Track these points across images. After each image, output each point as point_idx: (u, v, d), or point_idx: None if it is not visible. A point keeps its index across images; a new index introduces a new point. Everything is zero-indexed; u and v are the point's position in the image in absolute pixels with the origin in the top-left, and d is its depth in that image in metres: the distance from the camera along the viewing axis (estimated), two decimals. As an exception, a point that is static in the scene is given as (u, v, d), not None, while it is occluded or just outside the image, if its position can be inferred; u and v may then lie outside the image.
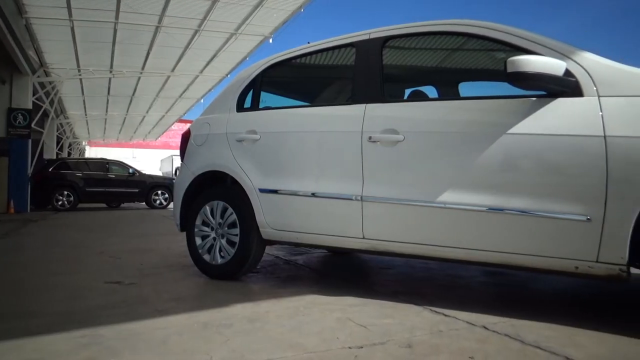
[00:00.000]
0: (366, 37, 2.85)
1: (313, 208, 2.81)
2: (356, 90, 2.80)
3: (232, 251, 3.11)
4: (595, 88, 2.07)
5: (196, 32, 11.39)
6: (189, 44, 12.19)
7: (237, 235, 3.10)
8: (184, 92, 17.53)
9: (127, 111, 20.91)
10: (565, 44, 2.24)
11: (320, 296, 2.67)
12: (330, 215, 2.74)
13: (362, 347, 1.85)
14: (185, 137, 3.62)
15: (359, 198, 2.61)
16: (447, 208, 2.32)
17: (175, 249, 4.75)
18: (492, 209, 2.21)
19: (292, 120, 3.01)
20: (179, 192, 3.48)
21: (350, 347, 1.85)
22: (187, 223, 3.39)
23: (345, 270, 3.64)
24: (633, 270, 2.01)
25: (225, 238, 3.18)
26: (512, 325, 2.09)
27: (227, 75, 15.03)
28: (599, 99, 2.04)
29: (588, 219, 1.99)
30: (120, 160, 16.24)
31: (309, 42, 3.22)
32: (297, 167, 2.91)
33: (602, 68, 2.11)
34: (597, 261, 1.99)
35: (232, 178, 3.20)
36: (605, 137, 1.97)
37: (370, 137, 2.58)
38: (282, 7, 10.36)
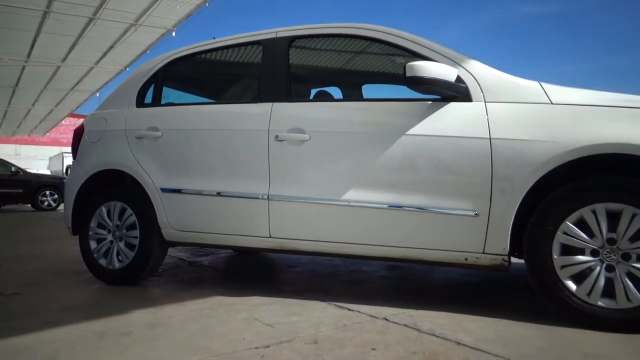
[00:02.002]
0: (273, 35, 2.85)
1: (219, 208, 2.76)
2: (263, 89, 2.78)
3: (132, 254, 2.95)
4: (482, 94, 2.26)
5: (91, 20, 10.59)
6: (82, 32, 11.29)
7: (136, 237, 2.94)
8: (76, 84, 16.21)
9: (9, 103, 18.84)
10: (457, 52, 2.42)
11: (226, 297, 2.63)
12: (237, 214, 2.71)
13: (268, 347, 1.85)
14: (78, 133, 3.35)
15: (265, 197, 2.60)
16: (351, 206, 2.40)
17: (67, 254, 4.38)
18: (392, 206, 2.32)
19: (197, 118, 2.92)
20: (71, 192, 3.21)
21: (256, 347, 1.85)
22: (80, 226, 3.15)
23: (251, 270, 3.61)
24: (513, 259, 2.23)
25: (124, 241, 3.00)
26: (410, 316, 2.22)
27: (125, 68, 14.16)
28: (485, 104, 2.24)
29: (476, 214, 2.17)
30: (0, 157, 14.59)
31: (214, 38, 3.14)
32: (202, 166, 2.83)
33: (488, 76, 2.31)
34: (483, 252, 2.18)
35: (132, 177, 3.02)
36: (490, 139, 2.16)
37: (276, 136, 2.59)
38: (187, 0, 10.00)
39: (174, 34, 11.54)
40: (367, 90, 3.46)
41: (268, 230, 2.61)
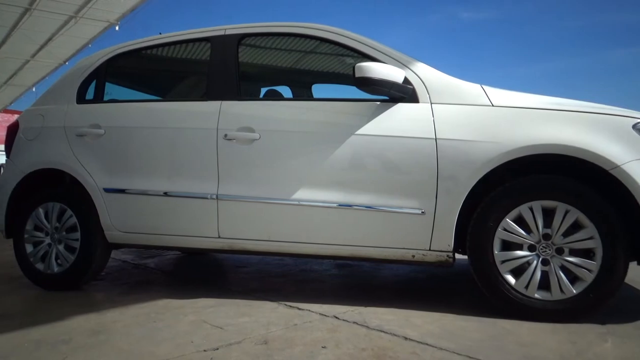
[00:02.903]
0: (222, 32, 2.80)
1: (165, 208, 2.68)
2: (211, 87, 2.73)
3: (72, 258, 2.81)
4: (428, 95, 2.33)
5: (26, 10, 10.01)
6: (17, 23, 10.66)
7: (77, 240, 2.81)
8: (10, 78, 15.27)
9: None
10: (404, 55, 2.48)
11: (173, 300, 2.56)
12: (184, 215, 2.64)
13: (217, 349, 1.82)
14: (13, 129, 3.16)
15: (214, 197, 2.55)
16: (300, 205, 2.41)
17: (0, 259, 4.11)
18: (342, 205, 2.35)
19: (142, 115, 2.83)
20: (5, 193, 3.02)
21: (205, 350, 1.81)
22: (14, 228, 2.97)
23: (200, 272, 3.54)
24: (457, 255, 2.31)
25: (64, 244, 2.86)
26: (359, 313, 2.25)
27: (65, 62, 13.49)
28: (431, 106, 2.31)
29: (422, 212, 2.23)
30: None
31: (160, 33, 3.05)
32: (148, 165, 2.74)
33: (434, 78, 2.38)
34: (429, 249, 2.25)
35: (72, 177, 2.88)
36: (436, 139, 2.23)
37: (225, 135, 2.55)
38: (131, -7, 9.66)
39: (117, 28, 11.12)
40: (317, 90, 3.47)
41: (217, 230, 2.57)
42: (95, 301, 2.64)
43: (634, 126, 2.09)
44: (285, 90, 3.45)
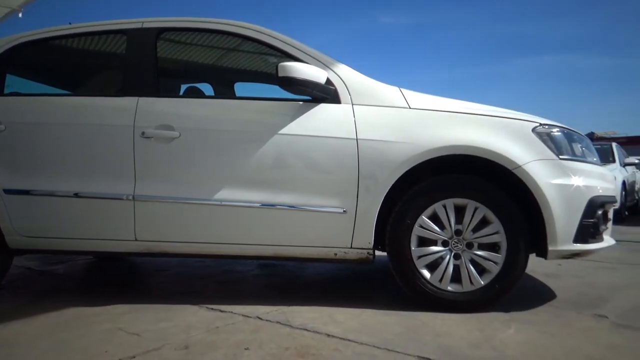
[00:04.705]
0: (139, 25, 2.67)
1: (76, 210, 2.51)
2: (127, 82, 2.60)
3: (-34, 266, 2.55)
4: (350, 97, 2.39)
5: None
6: None
7: (-28, 246, 2.55)
8: None
9: None
10: (326, 56, 2.52)
11: (86, 308, 2.40)
12: (97, 217, 2.49)
13: (134, 357, 1.74)
14: None
15: (130, 197, 2.43)
16: (222, 205, 2.36)
17: None
18: (265, 205, 2.34)
19: (49, 110, 2.62)
20: None
21: (120, 359, 1.72)
22: None
23: (115, 277, 3.36)
24: (377, 252, 2.40)
25: (-45, 251, 2.58)
26: (282, 313, 2.26)
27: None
28: (352, 107, 2.37)
29: (344, 211, 2.28)
30: None
31: (70, 23, 2.85)
32: (56, 164, 2.55)
33: (355, 80, 2.44)
34: (351, 247, 2.31)
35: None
36: (357, 140, 2.30)
37: (143, 133, 2.44)
38: (37, -22, 8.91)
39: (20, 14, 10.19)
40: (239, 88, 3.43)
41: (134, 232, 2.45)
42: (-6, 313, 2.41)
43: (534, 129, 2.29)
44: (207, 88, 3.37)
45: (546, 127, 2.33)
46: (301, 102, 2.40)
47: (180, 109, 2.50)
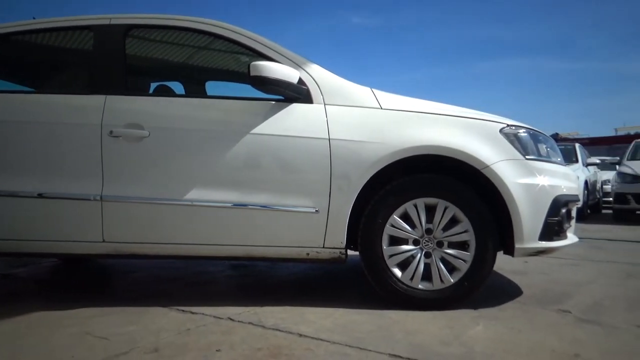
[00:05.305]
0: (106, 22, 2.61)
1: (40, 211, 2.43)
2: (94, 80, 2.54)
3: None
4: (322, 97, 2.40)
5: None
6: None
7: None
8: None
9: None
10: (299, 55, 2.51)
11: (51, 312, 2.33)
12: (63, 218, 2.42)
13: (102, 361, 1.70)
14: None
15: (98, 198, 2.37)
16: (193, 205, 2.33)
17: None
18: (237, 205, 2.32)
19: (12, 108, 2.52)
20: None
21: (87, 364, 1.68)
22: None
23: (82, 280, 3.27)
24: (349, 252, 2.40)
25: None
26: (254, 313, 2.24)
27: None
28: (324, 107, 2.37)
29: (316, 210, 2.29)
30: None
31: (34, 18, 2.76)
32: (18, 164, 2.46)
33: (328, 80, 2.45)
34: (323, 247, 2.31)
35: None
36: (329, 139, 2.30)
37: (111, 132, 2.38)
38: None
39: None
40: (211, 87, 3.39)
41: (101, 234, 2.39)
42: (-48, 319, 2.31)
43: (501, 130, 2.35)
44: (177, 87, 3.32)
45: (513, 128, 2.39)
46: (273, 102, 2.39)
47: (149, 108, 2.46)
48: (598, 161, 9.38)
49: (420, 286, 2.30)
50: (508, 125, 2.38)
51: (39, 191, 2.42)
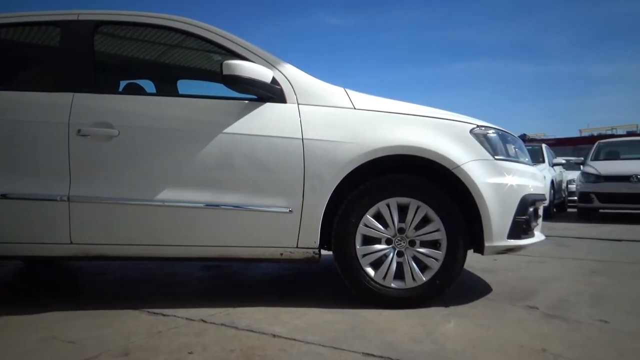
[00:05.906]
0: (74, 17, 2.54)
1: (4, 212, 2.35)
2: (62, 77, 2.47)
3: None
4: (295, 96, 2.39)
5: None
6: None
7: None
8: None
9: None
10: (272, 55, 2.50)
11: (16, 316, 2.25)
12: (28, 219, 2.34)
13: (69, 366, 1.65)
14: None
15: (65, 198, 2.31)
16: (165, 206, 2.30)
17: None
18: (209, 205, 2.30)
19: (-28, 105, 2.43)
20: None
21: (54, 369, 1.63)
22: None
23: (48, 283, 3.18)
24: (322, 252, 2.41)
25: None
26: (227, 314, 2.23)
27: None
28: (298, 106, 2.37)
29: (290, 210, 2.28)
30: None
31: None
32: (-20, 163, 2.37)
33: (301, 79, 2.45)
34: (297, 247, 2.31)
35: None
36: (303, 139, 2.30)
37: (79, 130, 2.32)
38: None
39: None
40: (182, 85, 3.34)
41: (69, 235, 2.33)
42: None
43: (471, 131, 2.40)
44: (148, 85, 3.26)
45: (483, 128, 2.44)
46: (246, 101, 2.38)
47: (119, 106, 2.41)
48: (564, 161, 9.67)
49: (393, 285, 2.32)
50: (478, 126, 2.43)
51: (3, 192, 2.34)
